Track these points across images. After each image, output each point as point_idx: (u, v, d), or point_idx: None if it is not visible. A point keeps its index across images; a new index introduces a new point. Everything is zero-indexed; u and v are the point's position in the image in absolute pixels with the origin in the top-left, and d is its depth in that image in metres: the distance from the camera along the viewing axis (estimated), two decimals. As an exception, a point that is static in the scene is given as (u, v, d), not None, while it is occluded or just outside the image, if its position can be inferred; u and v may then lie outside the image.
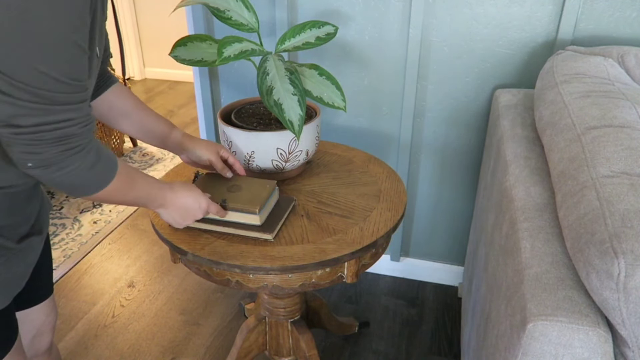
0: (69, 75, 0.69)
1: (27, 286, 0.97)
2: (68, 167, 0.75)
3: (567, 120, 1.01)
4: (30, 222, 0.91)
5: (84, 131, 0.75)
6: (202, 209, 1.06)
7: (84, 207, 2.53)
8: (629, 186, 0.77)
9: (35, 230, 0.92)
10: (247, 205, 1.10)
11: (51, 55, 0.66)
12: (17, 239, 0.87)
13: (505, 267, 0.91)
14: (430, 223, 1.93)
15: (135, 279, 2.05)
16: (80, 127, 0.74)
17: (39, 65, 0.66)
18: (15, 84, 0.66)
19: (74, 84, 0.71)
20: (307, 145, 1.29)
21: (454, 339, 1.75)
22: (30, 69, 0.66)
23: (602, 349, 0.70)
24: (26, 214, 0.89)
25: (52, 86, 0.68)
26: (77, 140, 0.74)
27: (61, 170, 0.74)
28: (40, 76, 0.66)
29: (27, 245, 0.90)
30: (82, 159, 0.76)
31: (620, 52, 1.26)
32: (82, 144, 0.75)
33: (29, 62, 0.65)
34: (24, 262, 0.90)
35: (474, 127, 1.71)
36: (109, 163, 0.82)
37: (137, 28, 4.30)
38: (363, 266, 1.19)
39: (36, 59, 0.65)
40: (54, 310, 1.13)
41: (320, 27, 1.35)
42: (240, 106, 1.41)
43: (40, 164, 0.73)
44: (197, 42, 1.28)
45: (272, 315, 1.45)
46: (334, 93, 1.27)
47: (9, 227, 0.85)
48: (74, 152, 0.74)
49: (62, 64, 0.68)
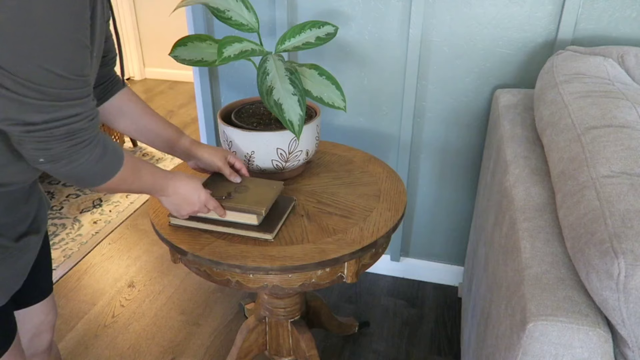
0: (73, 71, 0.71)
1: (25, 285, 0.98)
2: (77, 161, 0.77)
3: (567, 120, 1.01)
4: (28, 221, 0.91)
5: (91, 125, 0.77)
6: (200, 201, 1.06)
7: (84, 207, 2.53)
8: (629, 186, 0.77)
9: (33, 229, 0.92)
10: (253, 206, 1.10)
11: (54, 53, 0.67)
12: (15, 237, 0.87)
13: (505, 267, 0.91)
14: (430, 223, 1.93)
15: (135, 279, 2.05)
16: (87, 121, 0.76)
17: (43, 63, 0.67)
18: (20, 82, 0.67)
19: (78, 79, 0.72)
20: (307, 145, 1.29)
21: (454, 339, 1.75)
22: (34, 67, 0.66)
23: (602, 349, 0.70)
24: (24, 212, 0.90)
25: (57, 83, 0.69)
26: (84, 134, 0.76)
27: (70, 164, 0.76)
28: (45, 73, 0.67)
29: (25, 244, 0.90)
30: (90, 152, 0.78)
31: (620, 52, 1.26)
32: (90, 137, 0.77)
33: (33, 61, 0.66)
34: (22, 260, 0.91)
35: (474, 127, 1.71)
36: (115, 155, 0.84)
37: (137, 28, 4.30)
38: (363, 266, 1.19)
39: (40, 57, 0.66)
40: (54, 310, 1.13)
41: (320, 27, 1.35)
42: (240, 106, 1.41)
43: (50, 159, 0.75)
44: (197, 42, 1.28)
45: (272, 315, 1.45)
46: (334, 93, 1.27)
47: (6, 225, 0.85)
48: (82, 146, 0.76)
49: (66, 61, 0.69)
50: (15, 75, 0.66)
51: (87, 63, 0.73)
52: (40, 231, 0.95)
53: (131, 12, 4.20)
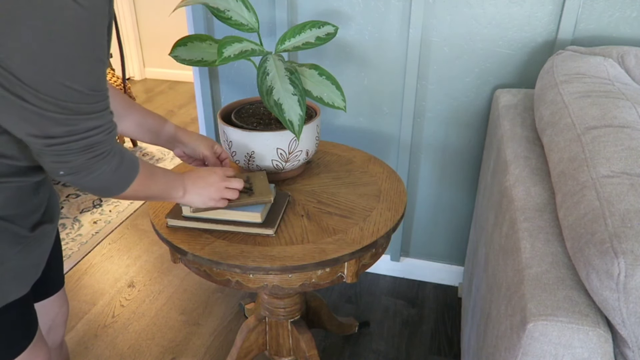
0: (91, 86, 0.73)
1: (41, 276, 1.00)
2: (96, 172, 0.80)
3: (567, 120, 1.01)
4: (41, 210, 0.93)
5: (108, 138, 0.79)
6: (218, 175, 1.08)
7: (84, 207, 2.53)
8: (629, 186, 0.77)
9: (46, 218, 0.94)
10: (260, 197, 1.12)
11: (75, 71, 0.70)
12: (30, 227, 0.89)
13: (505, 267, 0.91)
14: (430, 223, 1.93)
15: (135, 279, 2.05)
16: (104, 134, 0.78)
17: (64, 81, 0.69)
18: (42, 97, 0.69)
19: (95, 94, 0.74)
20: (307, 145, 1.29)
21: (454, 339, 1.75)
22: (55, 84, 0.69)
23: (602, 349, 0.70)
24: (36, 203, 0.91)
25: (76, 98, 0.72)
26: (102, 147, 0.79)
27: (89, 175, 0.79)
28: (65, 90, 0.70)
29: (41, 233, 0.92)
30: (107, 164, 0.81)
31: (620, 52, 1.26)
32: (107, 149, 0.80)
33: (54, 79, 0.68)
34: (40, 249, 0.93)
35: (474, 127, 1.71)
36: (131, 164, 0.87)
37: (137, 28, 4.30)
38: (363, 266, 1.19)
39: (61, 75, 0.69)
40: (67, 303, 1.17)
41: (320, 27, 1.35)
42: (240, 106, 1.41)
43: (70, 171, 0.78)
44: (197, 42, 1.28)
45: (272, 315, 1.45)
46: (334, 93, 1.27)
47: (20, 216, 0.87)
48: (100, 158, 0.79)
49: (85, 78, 0.72)
50: (37, 91, 0.68)
51: (104, 77, 0.76)
52: (54, 220, 0.97)
53: (131, 12, 4.20)
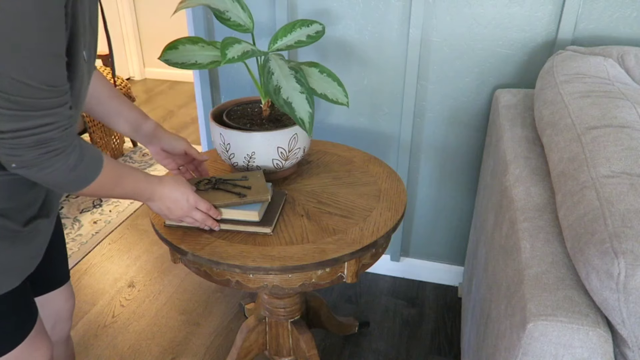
0: (45, 82, 0.71)
1: (43, 270, 1.01)
2: (49, 169, 0.77)
3: (567, 120, 1.01)
4: (36, 205, 0.92)
5: (64, 135, 0.77)
6: (190, 204, 1.06)
7: (84, 207, 2.53)
8: (629, 186, 0.77)
9: (42, 213, 0.94)
10: (257, 196, 1.12)
11: (26, 65, 0.68)
12: (24, 221, 0.89)
13: (505, 267, 0.91)
14: (430, 223, 1.93)
15: (135, 279, 2.05)
16: (59, 131, 0.75)
17: (14, 75, 0.67)
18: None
19: (50, 89, 0.72)
20: (304, 142, 1.30)
21: (454, 339, 1.75)
22: (5, 78, 0.67)
23: (602, 349, 0.70)
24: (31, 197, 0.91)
25: (27, 93, 0.69)
26: (56, 144, 0.76)
27: (42, 171, 0.77)
28: (15, 84, 0.68)
29: (34, 228, 0.92)
30: (63, 161, 0.78)
31: (620, 52, 1.26)
32: (62, 146, 0.77)
33: (2, 71, 0.66)
34: (33, 244, 0.93)
35: (474, 127, 1.71)
36: (93, 163, 0.84)
37: (137, 28, 4.30)
38: (363, 266, 1.19)
39: (10, 69, 0.66)
40: (73, 297, 1.18)
41: (309, 25, 1.36)
42: (226, 109, 1.40)
43: (22, 165, 0.75)
44: (188, 45, 1.25)
45: (272, 315, 1.45)
46: (337, 89, 1.28)
47: (13, 210, 0.86)
48: (53, 155, 0.76)
49: (37, 72, 0.69)
50: None
51: (62, 73, 0.73)
52: (50, 215, 0.97)
53: (131, 12, 4.20)
